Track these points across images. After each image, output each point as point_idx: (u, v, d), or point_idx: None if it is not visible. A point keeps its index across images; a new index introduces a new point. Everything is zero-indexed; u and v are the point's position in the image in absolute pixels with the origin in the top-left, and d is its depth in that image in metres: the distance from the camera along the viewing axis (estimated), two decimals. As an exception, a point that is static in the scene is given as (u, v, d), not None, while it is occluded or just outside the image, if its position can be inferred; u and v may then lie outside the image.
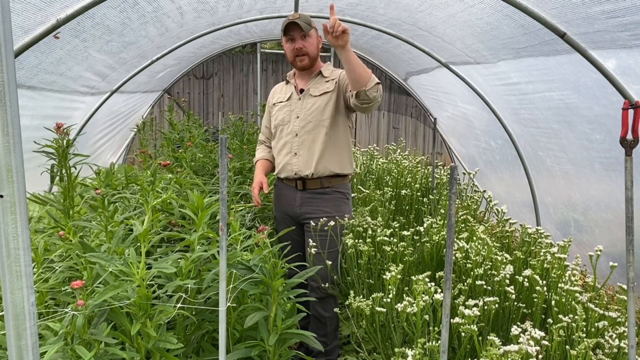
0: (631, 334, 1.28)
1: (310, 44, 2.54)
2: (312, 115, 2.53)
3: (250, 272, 1.67)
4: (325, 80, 2.58)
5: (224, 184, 1.29)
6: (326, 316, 2.56)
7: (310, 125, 2.52)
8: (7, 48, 0.81)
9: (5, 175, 0.84)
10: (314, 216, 2.54)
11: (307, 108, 2.55)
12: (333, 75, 2.58)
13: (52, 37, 2.43)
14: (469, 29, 3.38)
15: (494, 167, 4.93)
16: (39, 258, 1.76)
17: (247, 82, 8.82)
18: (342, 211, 2.58)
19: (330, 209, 2.55)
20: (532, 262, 2.38)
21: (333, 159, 2.53)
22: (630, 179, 1.22)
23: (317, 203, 2.55)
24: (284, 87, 2.74)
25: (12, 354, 0.89)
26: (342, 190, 2.59)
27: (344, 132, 2.57)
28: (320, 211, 2.54)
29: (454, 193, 1.11)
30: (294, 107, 2.59)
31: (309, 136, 2.52)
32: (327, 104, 2.52)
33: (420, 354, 1.47)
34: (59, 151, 2.08)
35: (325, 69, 2.63)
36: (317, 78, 2.60)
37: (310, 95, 2.56)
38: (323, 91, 2.54)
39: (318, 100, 2.54)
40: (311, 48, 2.54)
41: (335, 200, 2.56)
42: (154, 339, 1.47)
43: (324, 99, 2.53)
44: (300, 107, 2.57)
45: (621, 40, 2.33)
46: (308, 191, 2.55)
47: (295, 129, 2.55)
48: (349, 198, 2.64)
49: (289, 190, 2.62)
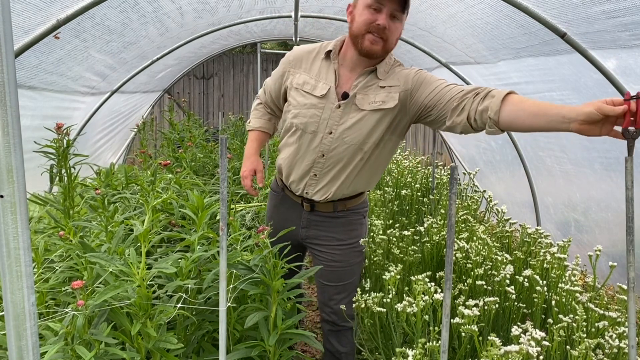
0: (631, 334, 1.28)
1: (397, 29, 1.76)
2: (352, 137, 1.82)
3: (250, 272, 1.67)
4: (381, 85, 1.81)
5: (224, 184, 1.29)
6: (342, 352, 2.09)
7: (346, 148, 1.83)
8: (7, 48, 0.81)
9: (6, 175, 0.84)
10: (323, 242, 2.00)
11: (347, 125, 1.81)
12: (393, 81, 1.81)
13: (52, 38, 2.44)
14: (469, 29, 3.38)
15: (494, 167, 4.93)
16: (39, 258, 1.76)
17: (247, 82, 8.82)
18: (358, 236, 2.03)
19: (344, 235, 1.99)
20: (532, 262, 2.38)
21: (361, 181, 1.94)
22: (630, 179, 1.22)
23: (327, 226, 1.99)
24: (317, 61, 1.89)
25: (13, 354, 0.89)
26: (359, 210, 2.02)
27: (391, 151, 1.94)
28: (329, 237, 1.99)
29: (454, 193, 1.11)
30: (328, 116, 1.82)
31: (341, 162, 1.86)
32: (378, 123, 1.80)
33: (420, 354, 1.47)
34: (59, 151, 2.08)
35: (382, 66, 1.82)
36: (370, 78, 1.82)
37: (357, 107, 1.81)
38: (377, 106, 1.79)
39: (367, 117, 1.80)
40: (394, 36, 1.77)
41: (351, 223, 2.00)
42: (154, 339, 1.47)
43: (375, 117, 1.80)
44: (338, 119, 1.82)
45: (621, 40, 2.33)
46: (316, 213, 1.99)
47: (324, 148, 1.85)
48: (365, 217, 2.08)
49: (292, 205, 2.03)
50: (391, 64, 1.86)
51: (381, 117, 1.80)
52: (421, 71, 1.83)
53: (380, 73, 1.82)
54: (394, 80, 1.82)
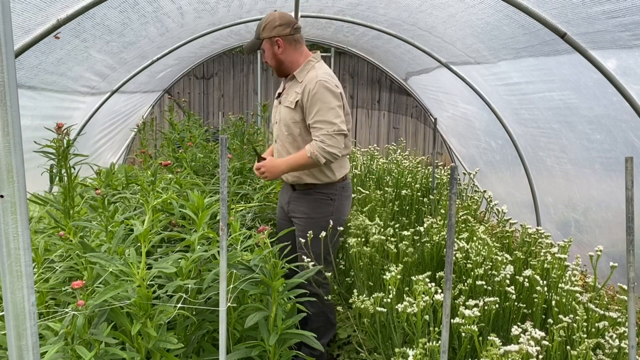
0: (631, 334, 1.28)
1: (266, 56, 2.50)
2: (283, 127, 2.50)
3: (250, 272, 1.67)
4: (295, 89, 2.46)
5: (224, 184, 1.29)
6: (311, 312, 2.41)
7: (283, 135, 2.51)
8: (7, 48, 0.81)
9: (6, 175, 0.84)
10: (296, 215, 2.58)
11: (280, 116, 2.53)
12: (302, 84, 2.41)
13: (52, 37, 2.44)
14: (469, 29, 3.38)
15: (494, 167, 4.93)
16: (40, 258, 1.76)
17: (248, 82, 8.82)
18: (323, 212, 2.54)
19: (309, 209, 2.53)
20: (532, 262, 2.38)
21: (304, 172, 2.47)
22: (630, 179, 1.22)
23: (299, 203, 2.56)
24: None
25: (13, 353, 0.89)
26: (325, 192, 2.54)
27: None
28: (300, 211, 2.56)
29: (454, 193, 1.11)
30: (277, 110, 2.59)
31: (283, 145, 2.52)
32: (291, 119, 2.45)
33: (421, 354, 1.47)
34: (59, 151, 2.08)
35: (300, 71, 2.48)
36: (292, 82, 2.51)
37: (283, 103, 2.52)
38: (288, 103, 2.46)
39: (285, 112, 2.49)
40: (268, 60, 2.51)
41: (316, 201, 2.53)
42: (154, 339, 1.47)
43: (287, 112, 2.47)
44: (278, 112, 2.57)
45: (621, 40, 2.33)
46: (297, 191, 2.58)
47: (275, 135, 2.60)
48: (333, 199, 2.56)
49: (286, 186, 2.67)
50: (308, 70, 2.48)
51: (292, 113, 2.44)
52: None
53: (300, 76, 2.46)
54: (304, 82, 2.41)
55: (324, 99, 2.33)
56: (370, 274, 2.46)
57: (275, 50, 2.46)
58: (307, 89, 2.37)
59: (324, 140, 2.31)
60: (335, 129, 2.32)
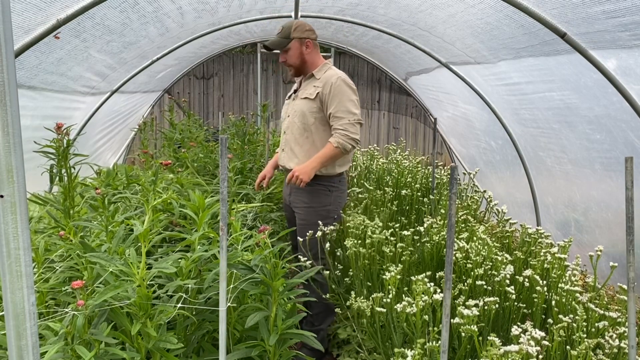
0: (631, 334, 1.28)
1: (291, 55, 2.73)
2: (297, 117, 2.71)
3: (250, 272, 1.67)
4: (314, 84, 2.71)
5: (225, 184, 1.29)
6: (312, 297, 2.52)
7: (295, 126, 2.72)
8: (7, 48, 0.81)
9: (6, 175, 0.84)
10: (297, 205, 2.75)
11: (294, 109, 2.75)
12: (322, 80, 2.68)
13: (52, 37, 2.44)
14: (469, 29, 3.38)
15: (494, 167, 4.93)
16: (40, 258, 1.76)
17: (248, 82, 8.82)
18: (322, 203, 2.71)
19: (309, 200, 2.70)
20: (532, 262, 2.38)
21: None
22: (630, 179, 1.22)
23: (300, 194, 2.72)
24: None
25: (13, 353, 0.89)
26: (325, 183, 2.70)
27: (324, 137, 2.67)
28: (300, 201, 2.72)
29: (454, 193, 1.11)
30: (290, 106, 2.83)
31: (292, 136, 2.73)
32: (308, 109, 2.68)
33: (420, 354, 1.47)
34: (59, 151, 2.08)
35: (318, 71, 2.76)
36: (310, 80, 2.77)
37: (299, 97, 2.77)
38: (307, 95, 2.69)
39: (301, 103, 2.72)
40: (292, 59, 2.74)
41: (316, 192, 2.69)
42: (154, 339, 1.47)
43: (305, 103, 2.70)
44: (292, 107, 2.79)
45: (621, 40, 2.33)
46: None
47: (285, 127, 2.81)
48: (332, 191, 2.73)
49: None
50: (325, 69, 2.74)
51: (309, 105, 2.67)
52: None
53: (318, 74, 2.72)
54: (323, 79, 2.66)
55: (345, 92, 2.60)
56: (369, 274, 2.46)
57: (303, 50, 2.74)
58: (328, 83, 2.63)
59: (347, 128, 2.54)
60: (355, 118, 2.58)
